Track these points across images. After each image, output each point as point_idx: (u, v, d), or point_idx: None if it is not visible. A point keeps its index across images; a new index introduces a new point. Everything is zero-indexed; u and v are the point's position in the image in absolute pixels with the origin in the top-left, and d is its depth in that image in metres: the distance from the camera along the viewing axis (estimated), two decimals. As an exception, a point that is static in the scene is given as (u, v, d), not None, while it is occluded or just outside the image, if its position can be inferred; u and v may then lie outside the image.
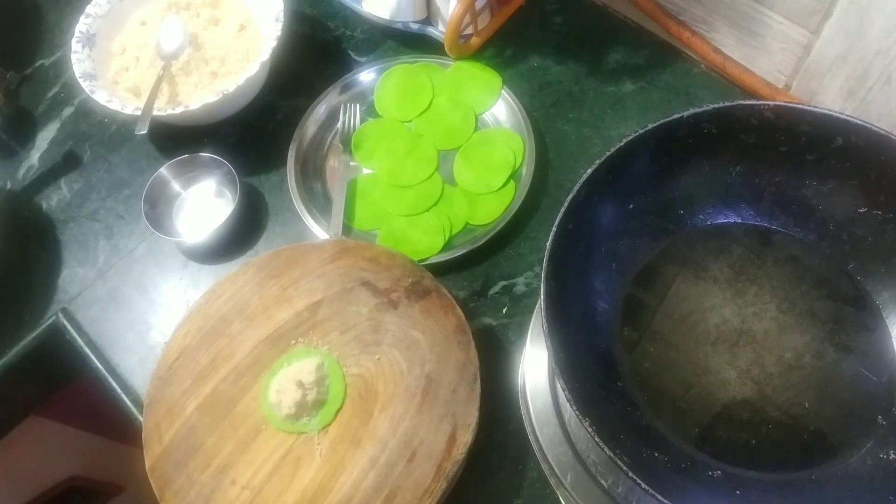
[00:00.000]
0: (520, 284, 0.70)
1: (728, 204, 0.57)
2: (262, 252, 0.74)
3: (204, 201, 0.77)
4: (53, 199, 0.82)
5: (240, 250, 0.75)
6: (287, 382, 0.60)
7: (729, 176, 0.56)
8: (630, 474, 0.41)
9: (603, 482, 0.53)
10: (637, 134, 0.51)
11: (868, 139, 0.49)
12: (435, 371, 0.60)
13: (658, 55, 0.80)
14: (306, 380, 0.60)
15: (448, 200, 0.74)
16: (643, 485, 0.41)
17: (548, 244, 0.49)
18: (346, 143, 0.78)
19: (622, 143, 0.51)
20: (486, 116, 0.79)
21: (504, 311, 0.69)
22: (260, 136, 0.82)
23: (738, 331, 0.53)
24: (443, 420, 0.58)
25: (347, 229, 0.73)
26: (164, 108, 0.75)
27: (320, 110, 0.80)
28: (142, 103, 0.75)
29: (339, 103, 0.80)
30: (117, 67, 0.81)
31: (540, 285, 0.48)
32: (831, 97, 0.69)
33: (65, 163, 0.84)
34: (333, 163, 0.78)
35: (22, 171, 0.84)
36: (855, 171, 0.51)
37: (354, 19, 0.88)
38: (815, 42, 0.67)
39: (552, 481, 0.56)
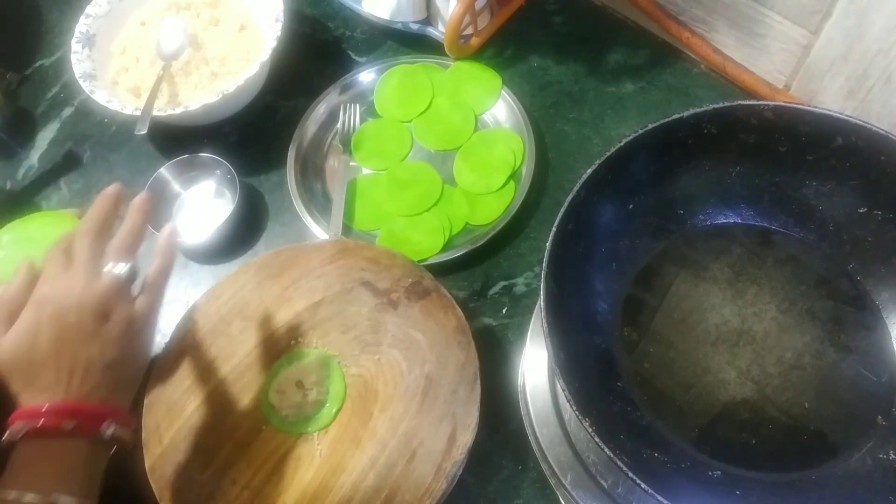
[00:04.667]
0: (520, 284, 0.70)
1: (728, 204, 0.57)
2: (262, 252, 0.74)
3: (204, 201, 0.77)
4: (53, 199, 0.82)
5: (240, 250, 0.75)
6: (287, 383, 0.60)
7: (729, 176, 0.56)
8: (630, 474, 0.41)
9: (603, 482, 0.53)
10: (637, 134, 0.51)
11: (868, 139, 0.49)
12: (435, 371, 0.60)
13: (658, 55, 0.80)
14: (306, 380, 0.60)
15: (448, 200, 0.74)
16: (643, 485, 0.41)
17: (548, 244, 0.49)
18: (346, 144, 0.78)
19: (622, 144, 0.51)
20: (486, 117, 0.79)
21: (504, 311, 0.69)
22: (260, 136, 0.82)
23: (738, 331, 0.53)
24: (443, 420, 0.58)
25: (347, 229, 0.73)
26: (164, 109, 0.75)
27: (320, 110, 0.80)
28: (142, 103, 0.75)
29: (339, 103, 0.80)
30: (117, 68, 0.81)
31: (540, 285, 0.48)
32: (831, 97, 0.69)
33: (65, 163, 0.84)
34: (333, 163, 0.78)
35: (22, 172, 0.84)
36: (855, 171, 0.51)
37: (354, 19, 0.88)
38: (815, 42, 0.67)
39: (552, 481, 0.56)
